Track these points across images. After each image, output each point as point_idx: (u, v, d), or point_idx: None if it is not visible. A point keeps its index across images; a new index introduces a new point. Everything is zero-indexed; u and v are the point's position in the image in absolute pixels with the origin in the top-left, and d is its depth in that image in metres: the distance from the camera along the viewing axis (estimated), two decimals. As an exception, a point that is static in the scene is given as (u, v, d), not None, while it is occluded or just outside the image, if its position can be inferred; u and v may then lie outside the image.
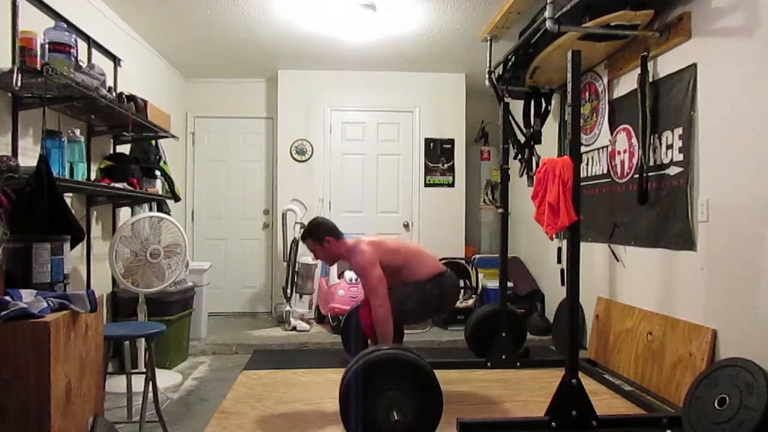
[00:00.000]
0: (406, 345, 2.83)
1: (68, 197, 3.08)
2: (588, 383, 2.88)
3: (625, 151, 3.62)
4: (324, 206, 5.54)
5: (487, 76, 4.09)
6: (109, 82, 3.39)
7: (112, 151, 3.76)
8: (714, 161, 2.84)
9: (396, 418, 2.42)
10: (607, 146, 3.86)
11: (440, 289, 3.17)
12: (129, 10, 3.90)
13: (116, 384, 3.12)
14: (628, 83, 3.61)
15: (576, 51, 2.73)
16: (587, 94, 4.14)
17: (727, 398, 2.37)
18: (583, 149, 4.06)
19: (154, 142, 4.13)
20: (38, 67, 2.46)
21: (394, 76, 5.56)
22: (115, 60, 3.82)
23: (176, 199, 4.19)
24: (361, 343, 3.42)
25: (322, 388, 3.41)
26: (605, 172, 3.88)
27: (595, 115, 4.05)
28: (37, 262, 2.29)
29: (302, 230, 3.34)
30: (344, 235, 3.27)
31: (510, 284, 4.78)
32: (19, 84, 2.41)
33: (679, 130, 3.09)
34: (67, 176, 2.80)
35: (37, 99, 2.69)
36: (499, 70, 4.14)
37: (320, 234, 3.19)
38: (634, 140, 3.50)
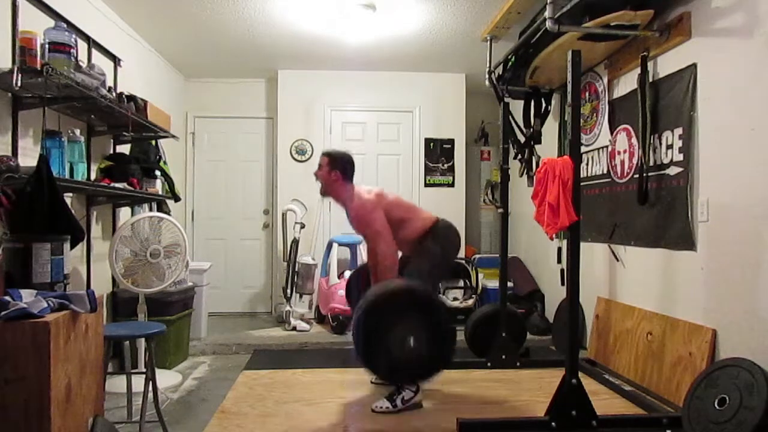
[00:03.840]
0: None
1: (68, 197, 3.08)
2: (588, 383, 2.88)
3: (625, 151, 3.62)
4: (324, 206, 5.53)
5: (487, 76, 4.09)
6: (109, 82, 3.39)
7: (112, 151, 3.76)
8: (714, 161, 2.84)
9: (412, 344, 2.44)
10: (607, 146, 3.86)
11: (440, 243, 3.14)
12: (129, 10, 3.90)
13: (116, 384, 3.12)
14: (628, 83, 3.61)
15: (576, 51, 2.73)
16: (587, 94, 4.14)
17: (727, 398, 2.37)
18: (583, 149, 4.06)
19: (154, 142, 4.13)
20: (38, 67, 2.46)
21: (394, 76, 5.55)
22: (115, 60, 3.82)
23: (176, 199, 4.19)
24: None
25: (322, 388, 3.41)
26: (605, 172, 3.88)
27: (595, 115, 4.06)
28: (37, 262, 2.29)
29: (329, 150, 3.31)
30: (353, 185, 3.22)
31: (510, 284, 4.78)
32: (19, 84, 2.41)
33: (679, 130, 3.09)
34: (67, 176, 2.80)
35: (37, 99, 2.69)
36: (499, 70, 4.14)
37: (338, 164, 3.15)
38: (634, 140, 3.50)
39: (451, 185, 5.64)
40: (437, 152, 5.63)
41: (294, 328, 4.86)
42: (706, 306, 2.88)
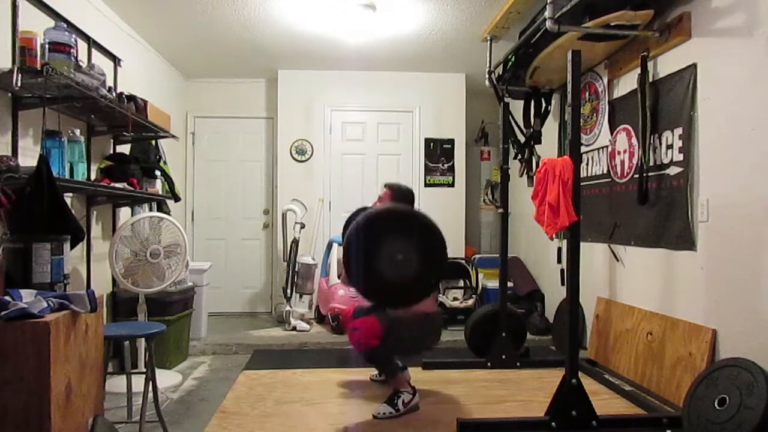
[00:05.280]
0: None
1: (68, 197, 3.08)
2: (588, 383, 2.88)
3: (625, 151, 3.62)
4: (324, 206, 5.54)
5: (487, 76, 4.10)
6: (109, 82, 3.39)
7: (112, 151, 3.76)
8: (714, 161, 2.84)
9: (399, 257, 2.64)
10: (607, 146, 3.86)
11: (430, 333, 3.13)
12: (129, 10, 3.90)
13: (116, 384, 3.12)
14: (628, 83, 3.61)
15: (576, 51, 2.73)
16: (587, 94, 4.14)
17: (727, 398, 2.37)
18: (583, 149, 4.06)
19: (154, 142, 4.13)
20: (38, 67, 2.46)
21: (394, 76, 5.55)
22: (115, 60, 3.82)
23: (176, 199, 4.19)
24: None
25: (322, 388, 3.42)
26: (605, 172, 3.88)
27: (595, 115, 4.06)
28: (37, 262, 2.29)
29: (399, 187, 3.35)
30: None
31: (510, 284, 4.78)
32: (19, 84, 2.41)
33: (679, 130, 3.09)
34: (67, 176, 2.80)
35: (37, 99, 2.69)
36: (499, 70, 4.14)
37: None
38: (634, 140, 3.50)
39: (451, 185, 5.64)
40: (437, 152, 5.63)
41: (294, 328, 4.86)
42: (706, 306, 2.88)
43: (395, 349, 3.00)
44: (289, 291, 4.97)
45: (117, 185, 3.32)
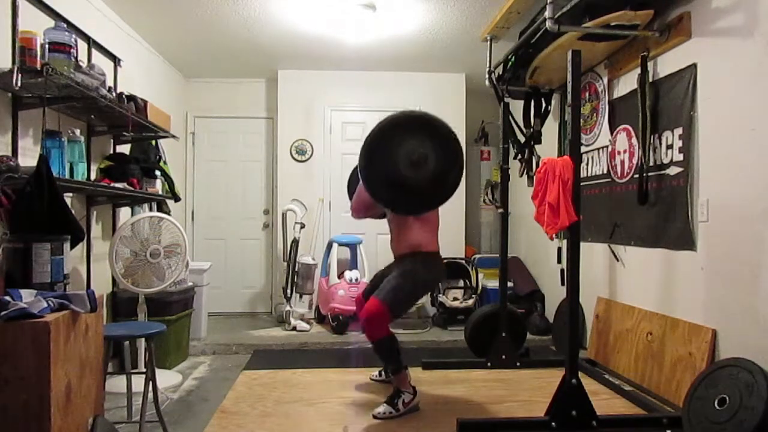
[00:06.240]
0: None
1: (68, 197, 3.08)
2: (588, 383, 2.88)
3: (625, 151, 3.62)
4: (324, 206, 5.54)
5: (487, 76, 4.09)
6: (109, 82, 3.39)
7: (112, 151, 3.76)
8: (714, 161, 2.84)
9: (420, 152, 2.76)
10: (607, 146, 3.86)
11: (429, 272, 3.18)
12: (129, 10, 3.91)
13: (116, 384, 3.12)
14: (628, 83, 3.61)
15: (576, 51, 2.73)
16: (587, 94, 4.14)
17: (727, 398, 2.37)
18: (583, 149, 4.06)
19: (154, 142, 4.13)
20: (38, 67, 2.47)
21: (394, 76, 5.55)
22: (115, 60, 3.82)
23: (176, 199, 4.19)
24: None
25: (322, 388, 3.42)
26: (605, 172, 3.88)
27: (595, 115, 4.06)
28: (37, 262, 2.29)
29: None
30: None
31: (510, 284, 4.78)
32: (19, 84, 2.41)
33: (679, 130, 3.09)
34: (67, 176, 2.80)
35: (37, 99, 2.69)
36: (499, 70, 4.14)
37: None
38: (634, 140, 3.50)
39: (451, 185, 5.63)
40: (437, 152, 5.61)
41: (294, 328, 4.86)
42: (706, 306, 2.88)
43: (407, 298, 3.07)
44: (289, 291, 4.98)
45: (117, 185, 3.32)
